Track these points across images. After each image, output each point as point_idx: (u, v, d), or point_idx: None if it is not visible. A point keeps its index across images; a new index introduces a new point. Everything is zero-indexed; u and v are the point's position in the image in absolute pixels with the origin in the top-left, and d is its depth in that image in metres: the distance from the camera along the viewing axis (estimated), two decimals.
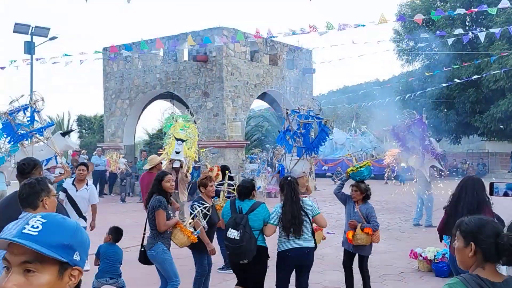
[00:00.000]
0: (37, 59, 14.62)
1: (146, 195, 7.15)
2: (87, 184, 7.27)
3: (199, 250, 5.60)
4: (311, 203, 5.20)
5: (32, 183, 3.06)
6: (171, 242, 5.38)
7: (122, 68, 20.12)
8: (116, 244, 5.92)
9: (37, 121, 9.27)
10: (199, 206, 5.44)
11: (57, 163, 9.45)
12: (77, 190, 7.12)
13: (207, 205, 5.47)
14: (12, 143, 9.03)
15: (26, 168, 4.00)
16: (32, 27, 21.56)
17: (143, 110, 20.98)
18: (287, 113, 7.46)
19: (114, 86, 20.47)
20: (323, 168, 27.26)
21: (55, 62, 13.75)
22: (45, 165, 9.77)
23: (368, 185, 6.04)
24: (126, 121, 20.29)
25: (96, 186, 16.49)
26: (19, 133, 9.11)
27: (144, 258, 5.37)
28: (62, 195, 7.15)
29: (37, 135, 9.21)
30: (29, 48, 21.58)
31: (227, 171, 7.62)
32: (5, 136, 9.19)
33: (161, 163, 9.63)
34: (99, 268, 5.76)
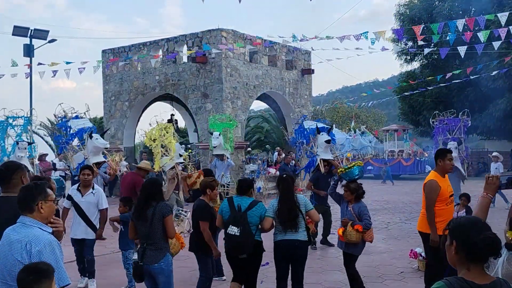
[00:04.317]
0: (38, 64, 14.70)
1: (129, 194, 6.99)
2: (93, 188, 6.45)
3: (204, 253, 5.48)
4: (304, 199, 5.44)
5: (29, 187, 3.08)
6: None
7: (121, 70, 20.14)
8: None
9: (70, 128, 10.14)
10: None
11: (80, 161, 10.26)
12: (82, 196, 6.38)
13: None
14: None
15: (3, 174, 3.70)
16: (31, 30, 21.60)
17: (142, 112, 21.00)
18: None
19: (113, 88, 20.49)
20: None
21: (55, 71, 13.87)
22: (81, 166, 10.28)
23: (360, 184, 6.11)
24: (125, 123, 20.30)
25: None
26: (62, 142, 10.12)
27: (141, 274, 4.70)
28: (67, 203, 6.53)
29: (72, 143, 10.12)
30: (29, 50, 21.64)
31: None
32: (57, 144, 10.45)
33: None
34: (124, 238, 6.02)
